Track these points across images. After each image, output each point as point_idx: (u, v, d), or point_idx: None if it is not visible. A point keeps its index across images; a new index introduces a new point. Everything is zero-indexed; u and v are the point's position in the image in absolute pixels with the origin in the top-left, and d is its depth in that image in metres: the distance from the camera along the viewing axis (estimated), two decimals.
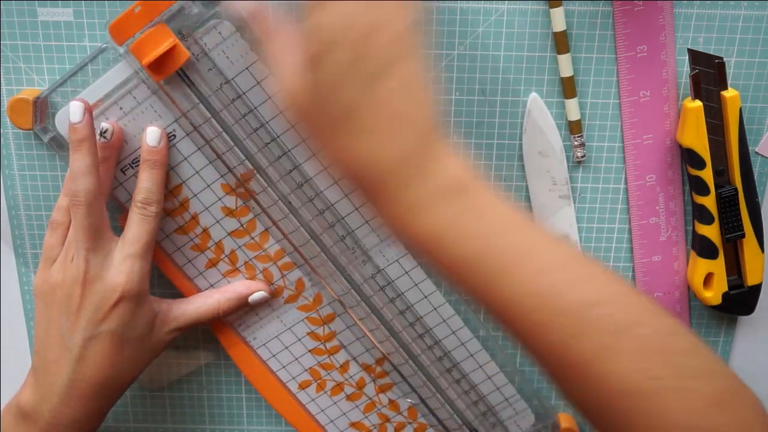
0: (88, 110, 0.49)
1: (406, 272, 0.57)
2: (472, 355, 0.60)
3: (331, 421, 0.62)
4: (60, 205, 0.52)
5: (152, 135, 0.51)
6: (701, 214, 0.56)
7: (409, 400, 0.62)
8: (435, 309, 0.58)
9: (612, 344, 0.41)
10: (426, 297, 0.57)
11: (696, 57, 0.53)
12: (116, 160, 0.53)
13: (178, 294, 0.58)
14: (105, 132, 0.51)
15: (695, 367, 0.42)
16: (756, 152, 0.57)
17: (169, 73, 0.50)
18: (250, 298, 0.57)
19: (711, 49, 0.54)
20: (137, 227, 0.51)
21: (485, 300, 0.42)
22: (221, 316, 0.56)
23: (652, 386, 0.40)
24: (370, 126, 0.40)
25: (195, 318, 0.55)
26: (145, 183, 0.51)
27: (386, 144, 0.41)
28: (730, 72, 0.55)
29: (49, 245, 0.52)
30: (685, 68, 0.54)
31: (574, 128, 0.55)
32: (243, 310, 0.58)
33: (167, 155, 0.52)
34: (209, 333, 0.61)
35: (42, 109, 0.53)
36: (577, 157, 0.56)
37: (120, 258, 0.50)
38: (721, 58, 0.53)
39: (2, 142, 0.55)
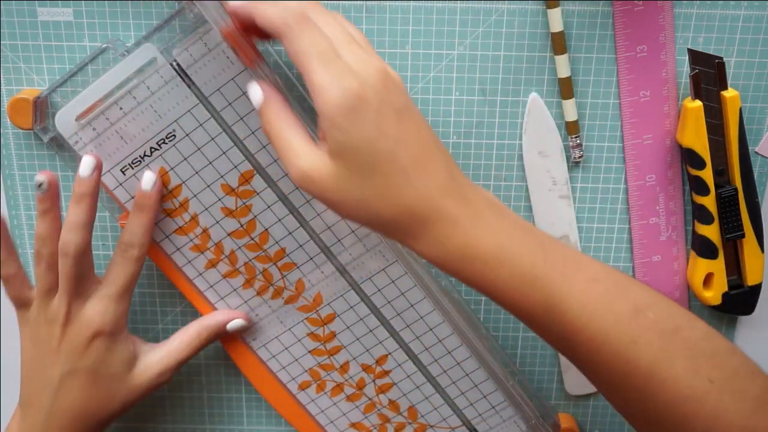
0: (99, 167, 0.51)
1: (405, 272, 0.57)
2: (458, 364, 0.60)
3: (331, 422, 0.62)
4: (39, 234, 0.51)
5: (146, 180, 0.52)
6: (701, 214, 0.56)
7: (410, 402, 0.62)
8: (434, 308, 0.58)
9: (667, 348, 0.42)
10: (425, 296, 0.57)
11: (696, 57, 0.53)
12: (59, 209, 0.52)
13: (178, 293, 0.58)
14: (41, 185, 0.50)
15: (739, 367, 0.43)
16: (756, 152, 0.57)
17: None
18: (228, 326, 0.57)
19: (711, 49, 0.54)
20: (116, 269, 0.52)
21: (546, 318, 0.43)
22: (203, 347, 0.57)
23: (708, 389, 0.41)
24: (409, 164, 0.42)
25: (178, 354, 0.56)
26: (131, 226, 0.52)
27: (429, 177, 0.42)
28: (730, 72, 0.55)
29: (39, 276, 0.52)
30: (685, 68, 0.55)
31: (571, 129, 0.55)
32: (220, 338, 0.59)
33: (158, 201, 0.53)
34: None
35: (42, 109, 0.53)
36: (575, 158, 0.56)
37: (97, 298, 0.52)
38: (721, 58, 0.53)
39: (2, 142, 0.55)
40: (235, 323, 0.57)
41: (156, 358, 0.55)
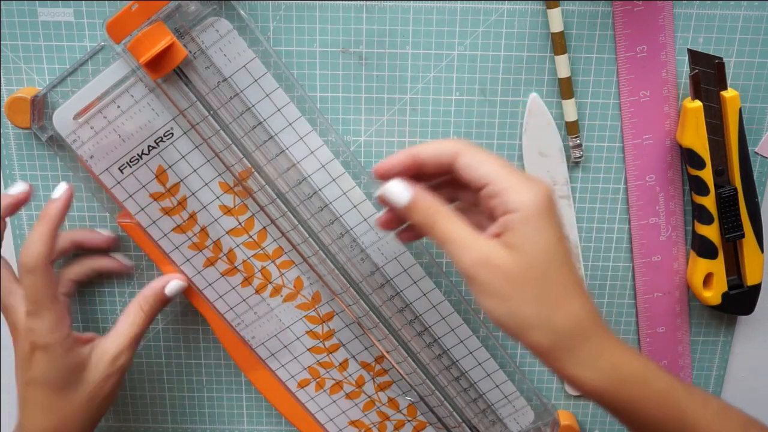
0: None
1: (405, 270, 0.57)
2: (471, 353, 0.60)
3: (331, 420, 0.63)
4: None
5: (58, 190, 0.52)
6: (701, 214, 0.56)
7: (409, 398, 0.62)
8: (434, 306, 0.58)
9: None
10: (425, 294, 0.57)
11: (696, 57, 0.53)
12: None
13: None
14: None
15: None
16: (756, 152, 0.56)
17: (167, 71, 0.50)
18: (167, 289, 0.56)
19: (711, 49, 0.54)
20: (24, 285, 0.51)
21: None
22: (148, 320, 0.56)
23: None
24: (577, 277, 0.44)
25: (127, 332, 0.55)
26: (30, 236, 0.51)
27: (587, 296, 0.44)
28: (730, 72, 0.54)
29: None
30: (685, 68, 0.54)
31: (571, 129, 0.55)
32: (166, 305, 0.58)
33: (64, 208, 0.52)
34: (209, 332, 0.61)
35: (40, 108, 0.53)
36: (575, 158, 0.56)
37: (27, 313, 0.51)
38: (721, 58, 0.53)
39: (2, 142, 0.55)
40: (172, 285, 0.56)
41: (108, 343, 0.54)
